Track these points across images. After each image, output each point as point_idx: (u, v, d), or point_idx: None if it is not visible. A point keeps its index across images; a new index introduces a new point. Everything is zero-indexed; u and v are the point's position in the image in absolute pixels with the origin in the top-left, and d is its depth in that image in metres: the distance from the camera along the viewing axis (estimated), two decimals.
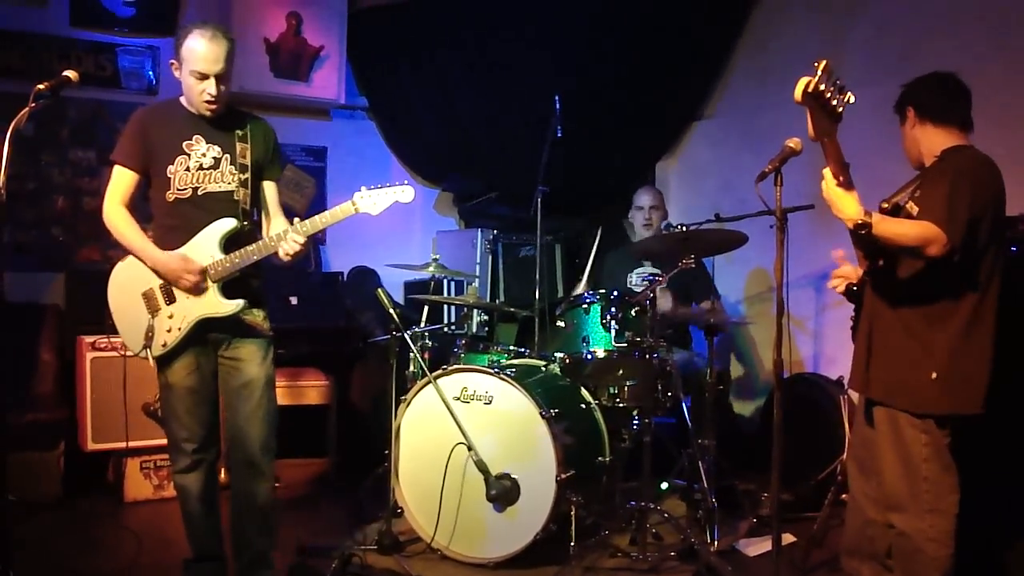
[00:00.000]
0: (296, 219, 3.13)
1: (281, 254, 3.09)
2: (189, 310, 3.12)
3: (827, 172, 2.66)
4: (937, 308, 2.78)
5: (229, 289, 3.14)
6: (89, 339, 4.44)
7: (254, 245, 3.10)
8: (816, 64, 2.40)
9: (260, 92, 5.43)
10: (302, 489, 4.87)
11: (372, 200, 3.11)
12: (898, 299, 2.83)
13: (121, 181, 3.18)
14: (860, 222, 2.62)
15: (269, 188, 3.32)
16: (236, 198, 3.16)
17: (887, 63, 4.70)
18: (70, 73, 2.80)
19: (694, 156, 6.40)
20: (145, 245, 3.14)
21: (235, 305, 3.11)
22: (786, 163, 2.70)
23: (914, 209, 2.78)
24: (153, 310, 3.14)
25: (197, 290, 3.10)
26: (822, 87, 2.40)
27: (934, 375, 2.75)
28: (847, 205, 2.64)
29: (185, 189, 3.13)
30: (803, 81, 2.40)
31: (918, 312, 2.80)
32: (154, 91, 5.38)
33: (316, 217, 3.09)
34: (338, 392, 5.11)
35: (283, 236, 3.07)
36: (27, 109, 2.66)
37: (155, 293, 3.15)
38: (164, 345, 3.13)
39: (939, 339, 2.77)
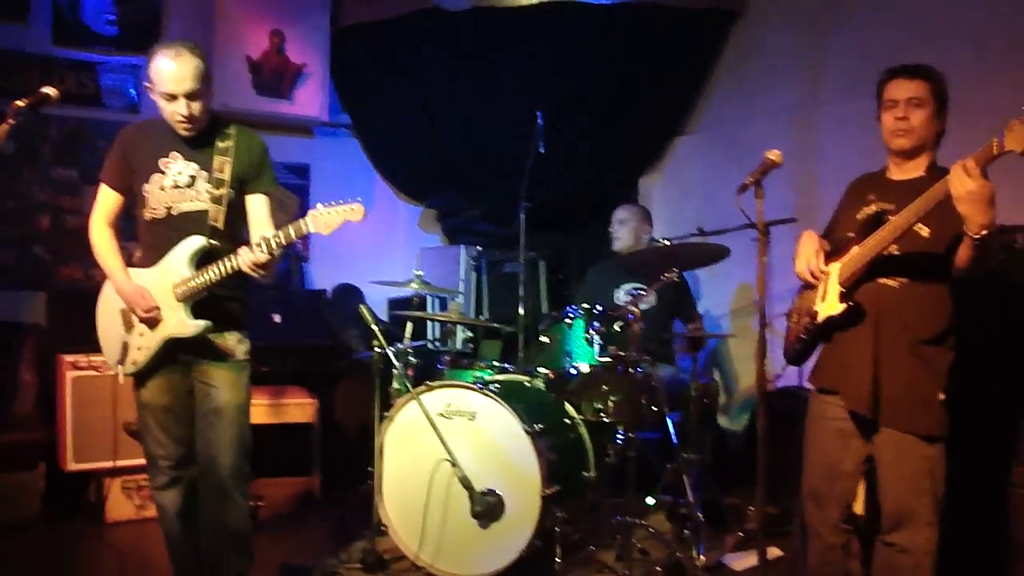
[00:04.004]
0: (256, 239, 2.98)
1: (248, 271, 2.95)
2: (157, 329, 3.07)
3: (974, 166, 2.43)
4: (943, 329, 2.76)
5: (202, 309, 3.04)
6: (70, 358, 4.40)
7: (214, 264, 2.97)
8: None
9: (242, 109, 5.43)
10: (286, 508, 4.82)
11: (323, 220, 2.91)
12: (910, 322, 2.77)
13: (104, 200, 3.17)
14: (994, 228, 2.47)
15: (255, 202, 3.17)
16: (209, 216, 3.05)
17: (868, 77, 4.70)
18: (49, 90, 2.76)
19: (677, 171, 6.41)
20: (115, 270, 3.10)
21: (196, 326, 3.01)
22: (767, 175, 2.71)
23: (924, 231, 2.71)
24: (128, 326, 3.12)
25: (152, 323, 3.05)
26: None
27: (942, 396, 2.74)
28: (991, 208, 2.45)
29: (158, 209, 3.06)
30: None
31: (930, 334, 2.76)
32: (136, 109, 5.37)
33: (271, 238, 2.91)
34: (322, 410, 5.07)
35: (239, 257, 2.92)
36: (5, 126, 2.63)
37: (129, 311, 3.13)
38: (135, 363, 3.10)
39: (945, 360, 2.76)
